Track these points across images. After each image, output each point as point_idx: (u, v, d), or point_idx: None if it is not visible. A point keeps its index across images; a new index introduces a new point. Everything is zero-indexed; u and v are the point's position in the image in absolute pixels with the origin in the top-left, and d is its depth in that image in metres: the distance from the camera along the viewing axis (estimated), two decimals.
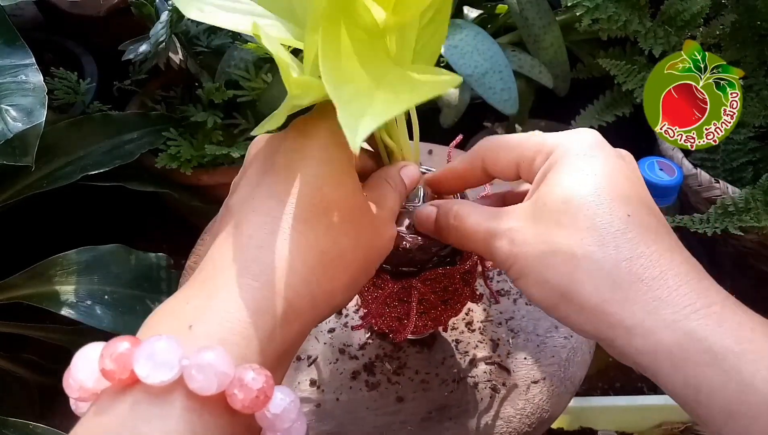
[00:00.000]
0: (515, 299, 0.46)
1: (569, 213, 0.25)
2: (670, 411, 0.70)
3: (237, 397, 0.21)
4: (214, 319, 0.23)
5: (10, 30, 0.59)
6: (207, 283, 0.24)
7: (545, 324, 0.44)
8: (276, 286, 0.24)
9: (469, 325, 0.44)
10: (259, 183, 0.26)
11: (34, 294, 0.62)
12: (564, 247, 0.25)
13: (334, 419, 0.40)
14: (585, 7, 0.70)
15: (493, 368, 0.42)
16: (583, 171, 0.26)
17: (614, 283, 0.24)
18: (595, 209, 0.25)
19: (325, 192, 0.26)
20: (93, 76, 0.90)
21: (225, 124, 0.81)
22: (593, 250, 0.24)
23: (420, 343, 0.43)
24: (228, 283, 0.23)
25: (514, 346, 0.43)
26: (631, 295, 0.24)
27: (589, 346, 0.44)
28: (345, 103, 0.21)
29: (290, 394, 0.23)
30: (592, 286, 0.24)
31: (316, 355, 0.43)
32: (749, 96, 0.70)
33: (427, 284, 0.35)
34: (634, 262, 0.24)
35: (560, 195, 0.26)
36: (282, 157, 0.27)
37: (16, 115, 0.55)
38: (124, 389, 0.21)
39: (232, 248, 0.24)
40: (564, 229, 0.25)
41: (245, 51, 0.79)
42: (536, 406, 0.40)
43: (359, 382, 0.42)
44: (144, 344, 0.21)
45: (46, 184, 0.68)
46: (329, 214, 0.26)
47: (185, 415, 0.21)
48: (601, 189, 0.26)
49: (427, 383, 0.41)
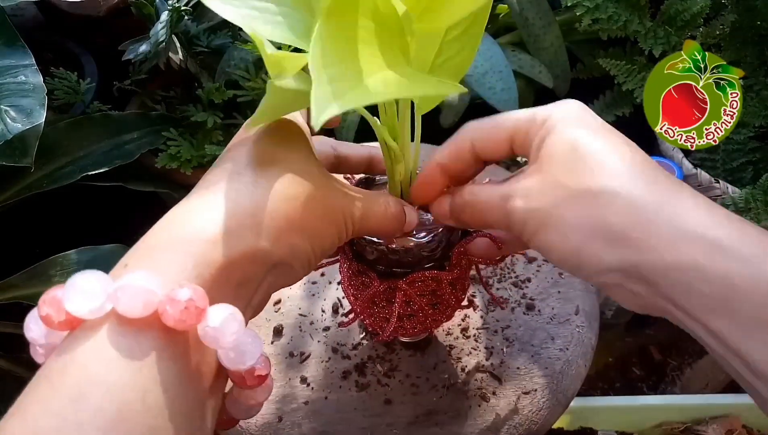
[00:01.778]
0: (513, 308, 0.45)
1: (579, 159, 0.26)
2: (670, 411, 0.70)
3: (168, 312, 0.21)
4: (146, 251, 0.23)
5: (10, 30, 0.59)
6: (154, 225, 0.25)
7: (541, 335, 0.43)
8: (211, 214, 0.24)
9: (464, 331, 0.44)
10: (228, 150, 0.29)
11: (34, 294, 0.62)
12: (583, 188, 0.26)
13: (322, 417, 0.39)
14: (585, 7, 0.70)
15: (484, 376, 0.41)
16: (581, 125, 0.28)
17: (639, 208, 0.25)
18: (602, 150, 0.26)
19: (281, 150, 0.28)
20: (93, 76, 0.90)
21: (225, 124, 0.81)
22: (613, 185, 0.25)
23: (414, 347, 0.43)
24: (168, 215, 0.25)
25: (508, 356, 0.42)
26: (657, 217, 0.24)
27: (584, 360, 0.43)
28: (324, 82, 0.21)
29: (229, 308, 0.22)
30: (618, 215, 0.25)
31: (309, 353, 0.43)
32: (749, 96, 0.70)
33: (415, 287, 0.35)
34: (653, 188, 0.25)
35: (566, 146, 0.27)
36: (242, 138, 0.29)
37: (16, 115, 0.55)
38: (69, 332, 0.21)
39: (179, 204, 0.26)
40: (578, 173, 0.26)
41: (245, 51, 0.79)
42: (525, 418, 0.39)
43: (349, 382, 0.41)
44: (69, 281, 0.21)
45: (46, 184, 0.68)
46: (281, 163, 0.27)
47: (117, 339, 0.20)
48: (603, 135, 0.27)
49: (416, 387, 0.41)
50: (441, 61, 0.30)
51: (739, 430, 0.68)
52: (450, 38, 0.30)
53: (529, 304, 0.45)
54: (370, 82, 0.22)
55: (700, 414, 0.69)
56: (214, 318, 0.22)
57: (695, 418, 0.69)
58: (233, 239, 0.24)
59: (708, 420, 0.69)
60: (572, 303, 0.45)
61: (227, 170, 0.27)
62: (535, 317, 0.44)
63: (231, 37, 0.83)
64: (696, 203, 0.25)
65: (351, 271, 0.36)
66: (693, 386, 0.78)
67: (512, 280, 0.47)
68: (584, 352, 0.43)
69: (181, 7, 0.75)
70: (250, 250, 0.24)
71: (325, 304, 0.46)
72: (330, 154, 0.35)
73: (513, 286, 0.47)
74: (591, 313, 0.45)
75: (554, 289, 0.46)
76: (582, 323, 0.44)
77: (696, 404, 0.70)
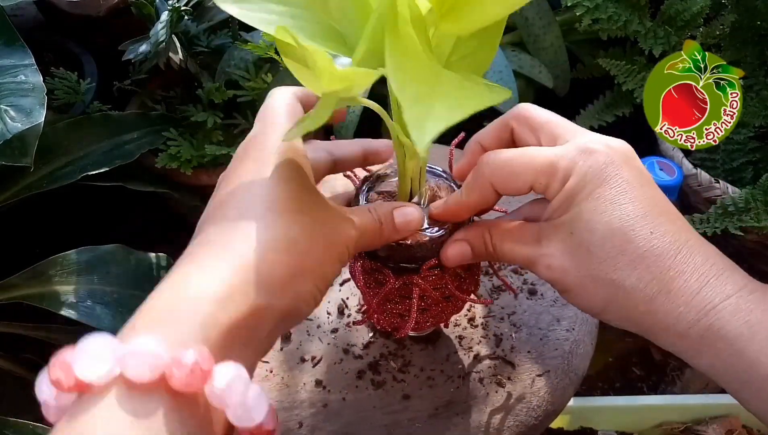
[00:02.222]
0: (516, 294, 0.46)
1: (596, 243, 0.29)
2: (670, 411, 0.70)
3: (175, 376, 0.21)
4: (153, 313, 0.24)
5: (10, 30, 0.59)
6: (159, 284, 0.25)
7: (547, 318, 0.44)
8: (215, 272, 0.25)
9: (471, 320, 0.44)
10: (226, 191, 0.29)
11: (34, 294, 0.62)
12: (601, 275, 0.29)
13: (341, 419, 0.40)
14: (585, 7, 0.70)
15: (497, 363, 0.42)
16: (600, 200, 0.29)
17: (646, 297, 0.28)
18: (618, 235, 0.28)
19: (277, 190, 0.28)
20: (93, 76, 0.90)
21: (225, 124, 0.81)
22: (626, 275, 0.28)
23: (424, 341, 0.43)
24: (172, 274, 0.25)
25: (517, 341, 0.43)
26: (661, 306, 0.28)
27: (591, 338, 0.44)
28: (410, 104, 0.21)
29: (234, 367, 0.23)
30: (628, 305, 0.29)
31: (320, 356, 0.43)
32: (749, 96, 0.70)
33: (429, 281, 0.35)
34: (662, 277, 0.28)
35: (585, 225, 0.29)
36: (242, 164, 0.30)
37: (16, 115, 0.55)
38: (78, 395, 0.22)
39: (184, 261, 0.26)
40: (596, 258, 0.29)
41: (245, 51, 0.79)
42: (542, 399, 0.40)
43: (365, 381, 0.42)
44: (78, 345, 0.22)
45: (46, 184, 0.68)
46: (279, 206, 0.27)
47: (126, 402, 0.21)
48: (621, 215, 0.28)
49: (432, 380, 0.41)
50: (456, 58, 0.30)
51: (739, 430, 0.68)
52: (466, 35, 0.29)
53: (531, 289, 0.46)
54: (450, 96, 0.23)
55: (700, 414, 0.69)
56: (220, 379, 0.22)
57: (695, 418, 0.69)
58: (238, 298, 0.24)
59: (708, 420, 0.69)
60: None
61: (227, 221, 0.27)
62: (539, 301, 0.45)
63: (231, 37, 0.83)
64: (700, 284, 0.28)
65: (364, 270, 0.37)
66: (693, 386, 0.78)
67: (512, 268, 0.48)
68: (590, 331, 0.44)
69: (181, 7, 0.75)
70: (256, 307, 0.25)
71: (329, 306, 0.46)
72: (327, 158, 0.35)
73: (513, 273, 0.47)
74: None
75: None
76: None
77: (696, 404, 0.70)
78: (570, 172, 0.29)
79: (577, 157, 0.29)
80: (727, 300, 0.27)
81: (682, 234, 0.29)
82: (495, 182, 0.31)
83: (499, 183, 0.31)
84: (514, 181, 0.31)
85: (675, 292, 0.28)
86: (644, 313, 0.28)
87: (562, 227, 0.30)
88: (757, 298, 0.27)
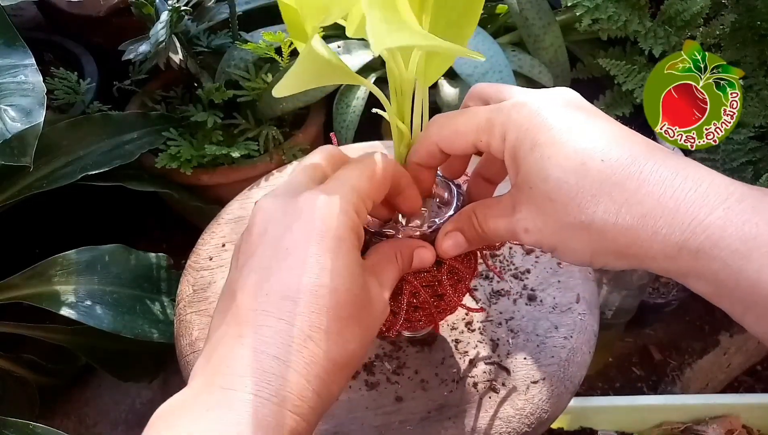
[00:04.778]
0: (515, 300, 0.45)
1: (553, 189, 0.27)
2: (670, 411, 0.70)
3: None
4: (221, 431, 0.23)
5: (10, 30, 0.59)
6: (218, 391, 0.24)
7: (545, 324, 0.44)
8: (288, 402, 0.24)
9: (468, 325, 0.44)
10: (270, 273, 0.27)
11: (34, 294, 0.62)
12: (570, 220, 0.27)
13: (333, 418, 0.40)
14: (585, 7, 0.70)
15: (492, 368, 0.42)
16: (543, 146, 0.28)
17: (623, 228, 0.26)
18: (570, 174, 0.27)
19: (338, 292, 0.26)
20: (93, 76, 0.90)
21: (225, 124, 0.81)
22: (591, 211, 0.26)
23: (420, 343, 0.43)
24: (239, 395, 0.24)
25: (513, 346, 0.43)
26: (641, 232, 0.26)
27: (588, 347, 0.44)
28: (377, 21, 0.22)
29: None
30: (608, 242, 0.27)
31: None
32: (749, 96, 0.70)
33: (420, 278, 0.35)
34: (629, 202, 0.26)
35: (538, 175, 0.28)
36: (294, 248, 0.27)
37: (15, 115, 0.55)
38: None
39: (247, 355, 0.25)
40: (560, 205, 0.27)
41: (245, 51, 0.79)
42: (536, 406, 0.40)
43: (359, 382, 0.42)
44: None
45: (46, 184, 0.68)
46: (341, 318, 0.26)
47: None
48: (566, 153, 0.27)
49: (426, 383, 0.41)
50: (436, 28, 0.30)
51: (739, 430, 0.68)
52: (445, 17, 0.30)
53: (531, 294, 0.46)
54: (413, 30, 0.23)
55: (700, 414, 0.69)
56: None
57: (695, 418, 0.69)
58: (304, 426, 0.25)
59: (708, 420, 0.69)
60: (573, 291, 0.46)
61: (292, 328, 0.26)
62: (538, 307, 0.45)
63: (231, 37, 0.83)
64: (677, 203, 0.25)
65: None
66: (693, 386, 0.78)
67: (512, 272, 0.47)
68: (588, 339, 0.44)
69: (181, 7, 0.75)
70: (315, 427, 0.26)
71: None
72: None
73: (513, 278, 0.47)
74: (591, 301, 0.46)
75: (554, 278, 0.46)
76: (584, 311, 0.45)
77: (696, 404, 0.70)
78: (505, 128, 0.29)
79: (510, 110, 0.29)
80: (714, 213, 0.24)
81: (642, 153, 0.26)
82: (440, 141, 0.31)
83: (444, 142, 0.31)
84: (456, 139, 0.31)
85: (650, 215, 0.25)
86: (628, 244, 0.26)
87: (523, 186, 0.29)
88: (748, 207, 0.24)
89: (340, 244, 0.27)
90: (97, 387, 0.82)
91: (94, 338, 0.66)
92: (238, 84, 0.80)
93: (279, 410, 0.24)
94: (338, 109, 0.80)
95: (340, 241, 0.27)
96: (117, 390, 0.83)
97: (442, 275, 0.35)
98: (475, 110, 0.30)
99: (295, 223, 0.27)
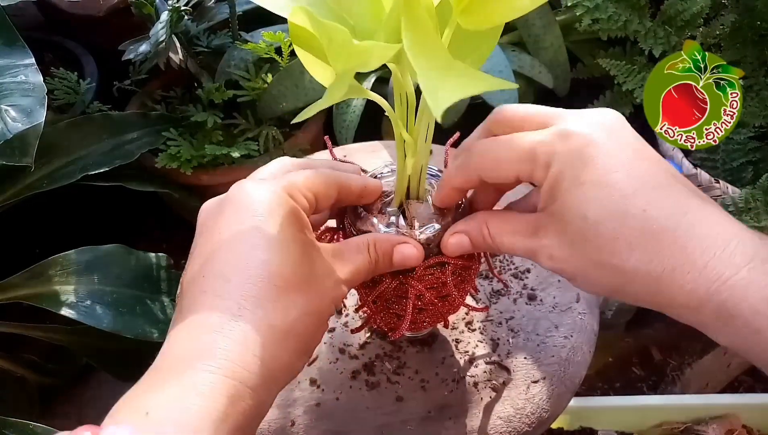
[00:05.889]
0: (515, 299, 0.46)
1: (590, 230, 0.28)
2: (670, 411, 0.70)
3: None
4: (171, 404, 0.24)
5: (10, 30, 0.59)
6: (164, 371, 0.25)
7: (545, 324, 0.44)
8: (230, 369, 0.25)
9: (469, 324, 0.44)
10: (206, 259, 0.28)
11: (34, 294, 0.62)
12: (602, 261, 0.28)
13: (334, 419, 0.40)
14: (585, 7, 0.70)
15: (493, 368, 0.42)
16: (586, 185, 0.28)
17: (651, 278, 0.27)
18: (610, 219, 0.27)
19: (270, 263, 0.27)
20: (93, 76, 0.90)
21: (225, 124, 0.81)
22: (625, 258, 0.27)
23: (420, 343, 0.43)
24: (185, 368, 0.25)
25: (514, 346, 0.43)
26: (669, 285, 0.27)
27: (589, 346, 0.44)
28: (426, 73, 0.22)
29: None
30: (635, 287, 0.28)
31: (316, 355, 0.43)
32: (749, 96, 0.70)
33: (424, 281, 0.35)
34: (662, 256, 0.26)
35: (576, 212, 0.28)
36: (227, 230, 0.29)
37: (16, 115, 0.55)
38: None
39: (187, 334, 0.26)
40: (593, 245, 0.28)
41: (245, 51, 0.79)
42: (536, 406, 0.40)
43: (359, 382, 0.42)
44: (101, 433, 0.22)
45: (46, 184, 0.68)
46: (276, 286, 0.27)
47: None
48: (610, 196, 0.27)
49: (427, 383, 0.41)
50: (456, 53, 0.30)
51: (739, 430, 0.68)
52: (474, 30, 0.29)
53: (531, 294, 0.46)
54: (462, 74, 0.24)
55: (700, 414, 0.69)
56: None
57: (695, 418, 0.69)
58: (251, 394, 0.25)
59: (708, 420, 0.69)
60: (572, 291, 0.46)
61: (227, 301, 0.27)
62: (538, 307, 0.45)
63: (231, 37, 0.83)
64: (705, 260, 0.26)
65: None
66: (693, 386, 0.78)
67: (512, 272, 0.48)
68: (588, 339, 0.44)
69: (181, 7, 0.75)
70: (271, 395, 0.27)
71: None
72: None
73: (513, 278, 0.47)
74: (591, 300, 0.46)
75: (554, 277, 0.46)
76: (583, 310, 0.45)
77: (696, 404, 0.70)
78: (550, 159, 0.28)
79: (555, 141, 0.28)
80: (738, 273, 0.25)
81: (680, 206, 0.27)
82: (481, 171, 0.31)
83: (486, 172, 0.31)
84: (497, 169, 0.30)
85: (680, 270, 0.26)
86: (654, 293, 0.27)
87: (556, 216, 0.29)
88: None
89: (269, 219, 0.28)
90: (97, 387, 0.82)
91: (94, 338, 0.66)
92: (238, 84, 0.80)
93: (216, 378, 0.24)
94: (338, 109, 0.80)
95: (269, 217, 0.28)
96: (117, 390, 0.82)
97: (447, 277, 0.35)
98: (516, 139, 0.30)
99: (227, 208, 0.30)
